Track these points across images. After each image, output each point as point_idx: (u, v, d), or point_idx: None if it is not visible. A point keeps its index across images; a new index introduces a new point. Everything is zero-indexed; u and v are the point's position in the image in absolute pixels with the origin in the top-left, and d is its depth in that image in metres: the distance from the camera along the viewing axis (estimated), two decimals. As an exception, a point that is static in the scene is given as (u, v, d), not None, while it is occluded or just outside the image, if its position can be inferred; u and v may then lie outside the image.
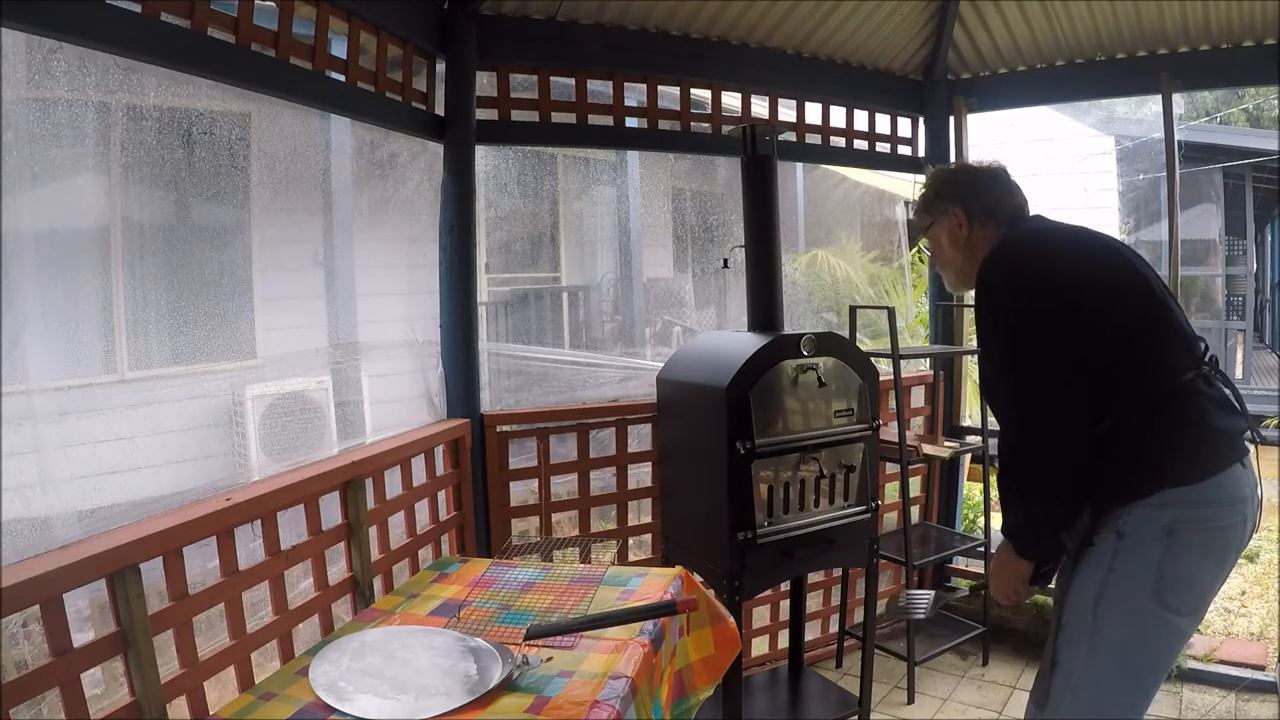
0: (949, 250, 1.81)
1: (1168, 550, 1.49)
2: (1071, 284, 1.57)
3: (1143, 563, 1.51)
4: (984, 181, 1.78)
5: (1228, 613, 3.83)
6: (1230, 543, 1.54)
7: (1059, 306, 1.53)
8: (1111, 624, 1.53)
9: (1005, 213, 1.75)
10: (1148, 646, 1.54)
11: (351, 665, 1.58)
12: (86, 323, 3.55)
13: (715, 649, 1.93)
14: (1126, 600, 1.52)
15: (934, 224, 1.83)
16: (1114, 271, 1.62)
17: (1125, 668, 1.54)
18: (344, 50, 2.19)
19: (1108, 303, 1.57)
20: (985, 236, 1.75)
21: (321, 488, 1.97)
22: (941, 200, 1.80)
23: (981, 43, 3.46)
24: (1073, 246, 1.69)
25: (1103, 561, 1.54)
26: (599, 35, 2.83)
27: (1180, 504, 1.49)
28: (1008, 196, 1.77)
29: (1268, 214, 10.90)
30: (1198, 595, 1.55)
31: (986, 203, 1.76)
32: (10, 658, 1.97)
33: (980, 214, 1.76)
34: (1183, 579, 1.51)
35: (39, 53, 2.98)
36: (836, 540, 2.48)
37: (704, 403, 2.39)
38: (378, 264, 4.89)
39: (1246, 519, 1.54)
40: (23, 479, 2.91)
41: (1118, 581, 1.53)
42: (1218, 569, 1.56)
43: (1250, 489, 1.55)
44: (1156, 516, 1.50)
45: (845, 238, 7.65)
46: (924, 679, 3.14)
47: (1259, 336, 10.84)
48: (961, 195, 1.78)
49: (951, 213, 1.78)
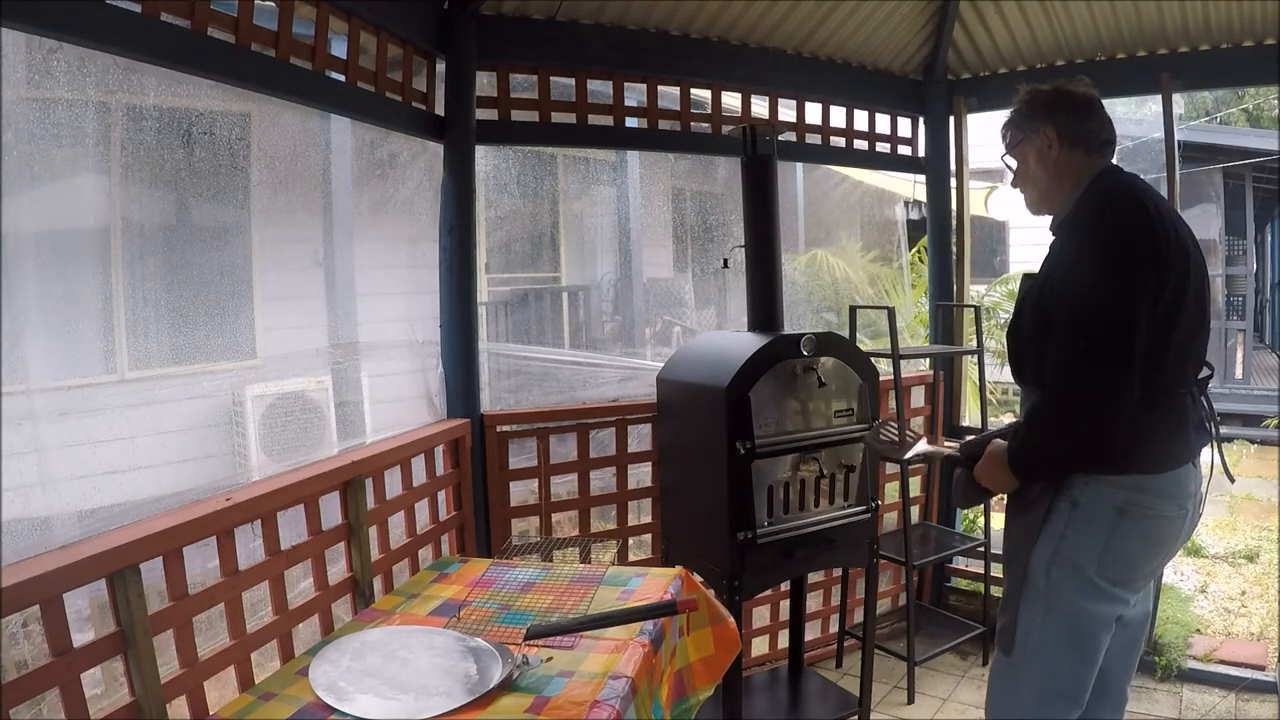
0: (1035, 169, 1.77)
1: (1115, 528, 1.61)
2: (1169, 259, 1.58)
3: (1092, 535, 1.62)
4: (1080, 106, 1.74)
5: (1228, 613, 3.83)
6: (1171, 532, 1.67)
7: (1158, 270, 1.56)
8: (1063, 589, 1.65)
9: (1096, 143, 1.73)
10: (1093, 614, 1.65)
11: (351, 665, 1.58)
12: (86, 323, 3.55)
13: (715, 649, 1.93)
14: (1076, 568, 1.63)
15: (1024, 140, 1.78)
16: (1194, 265, 1.64)
17: (1074, 631, 1.66)
18: (344, 50, 2.19)
19: (1179, 292, 1.59)
20: (1073, 162, 1.73)
21: (321, 488, 1.96)
22: (1035, 118, 1.76)
23: (981, 43, 3.46)
24: (1176, 223, 1.67)
25: (1056, 528, 1.65)
26: (599, 35, 2.83)
27: (1131, 487, 1.61)
28: (1100, 128, 1.74)
29: (1268, 214, 10.90)
30: (1133, 573, 1.67)
31: (1080, 128, 1.72)
32: (10, 658, 1.97)
33: (1072, 138, 1.72)
34: (1124, 556, 1.63)
35: (39, 53, 2.98)
36: (836, 540, 2.48)
37: (704, 403, 2.39)
38: (378, 264, 4.89)
39: (1189, 513, 1.67)
40: (23, 479, 2.91)
41: (1069, 549, 1.64)
42: (1155, 553, 1.69)
43: (1196, 485, 1.68)
44: (1110, 495, 1.61)
45: (845, 238, 7.66)
46: (924, 679, 3.14)
47: (1259, 336, 10.84)
48: (1055, 116, 1.74)
49: (1043, 131, 1.74)
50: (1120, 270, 1.55)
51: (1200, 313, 1.67)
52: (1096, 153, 1.73)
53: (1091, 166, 1.72)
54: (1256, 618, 3.74)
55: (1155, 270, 1.56)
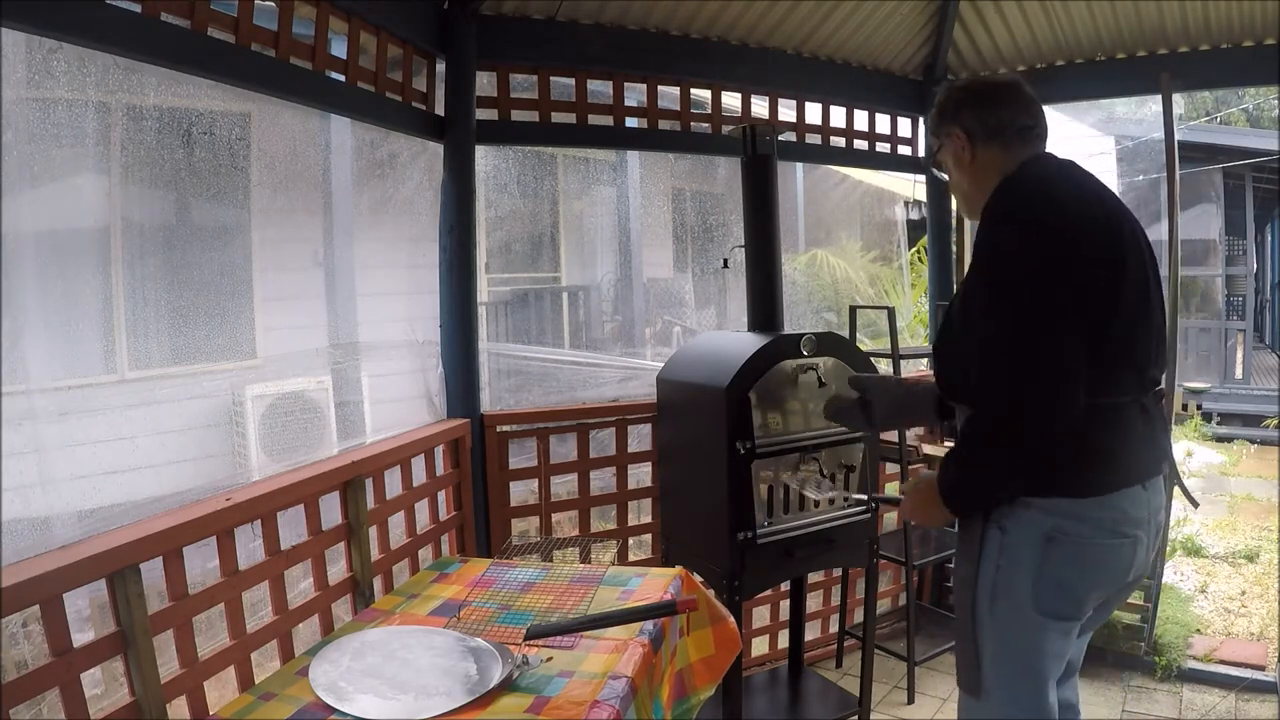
0: (955, 173, 1.66)
1: (1045, 557, 1.46)
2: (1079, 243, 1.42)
3: (1022, 565, 1.48)
4: (989, 97, 1.61)
5: (1228, 613, 3.83)
6: (1109, 561, 1.48)
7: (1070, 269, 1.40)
8: (1003, 620, 1.51)
9: (1012, 132, 1.57)
10: (1036, 644, 1.51)
11: (351, 665, 1.58)
12: (86, 323, 3.55)
13: (715, 649, 1.93)
14: (1012, 599, 1.50)
15: (941, 147, 1.66)
16: (1130, 253, 1.48)
17: (1020, 664, 1.52)
18: (344, 50, 2.19)
19: (1110, 282, 1.44)
20: (991, 159, 1.58)
21: (321, 488, 1.96)
22: (945, 121, 1.64)
23: (981, 43, 3.46)
24: (1104, 208, 1.51)
25: (991, 557, 1.51)
26: (599, 35, 2.83)
27: (1058, 513, 1.45)
28: (1014, 115, 1.58)
29: (1268, 214, 10.91)
30: (1076, 603, 1.50)
31: (990, 122, 1.58)
32: (10, 658, 1.98)
33: (984, 134, 1.58)
34: (1058, 585, 1.47)
35: (39, 53, 2.98)
36: (836, 540, 2.47)
37: (704, 403, 2.39)
38: (378, 264, 4.89)
39: (1139, 541, 1.49)
40: (23, 479, 2.91)
41: (1004, 580, 1.50)
42: (1099, 582, 1.51)
43: (1148, 513, 1.50)
44: (1037, 520, 1.46)
45: (845, 237, 7.67)
46: (924, 679, 3.14)
47: (1259, 336, 10.85)
48: (961, 115, 1.61)
49: (953, 134, 1.62)
50: (1027, 264, 1.39)
51: (1144, 306, 1.49)
52: (1016, 143, 1.57)
53: (1013, 160, 1.56)
54: (1256, 618, 3.74)
55: (1066, 258, 1.39)
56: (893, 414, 1.94)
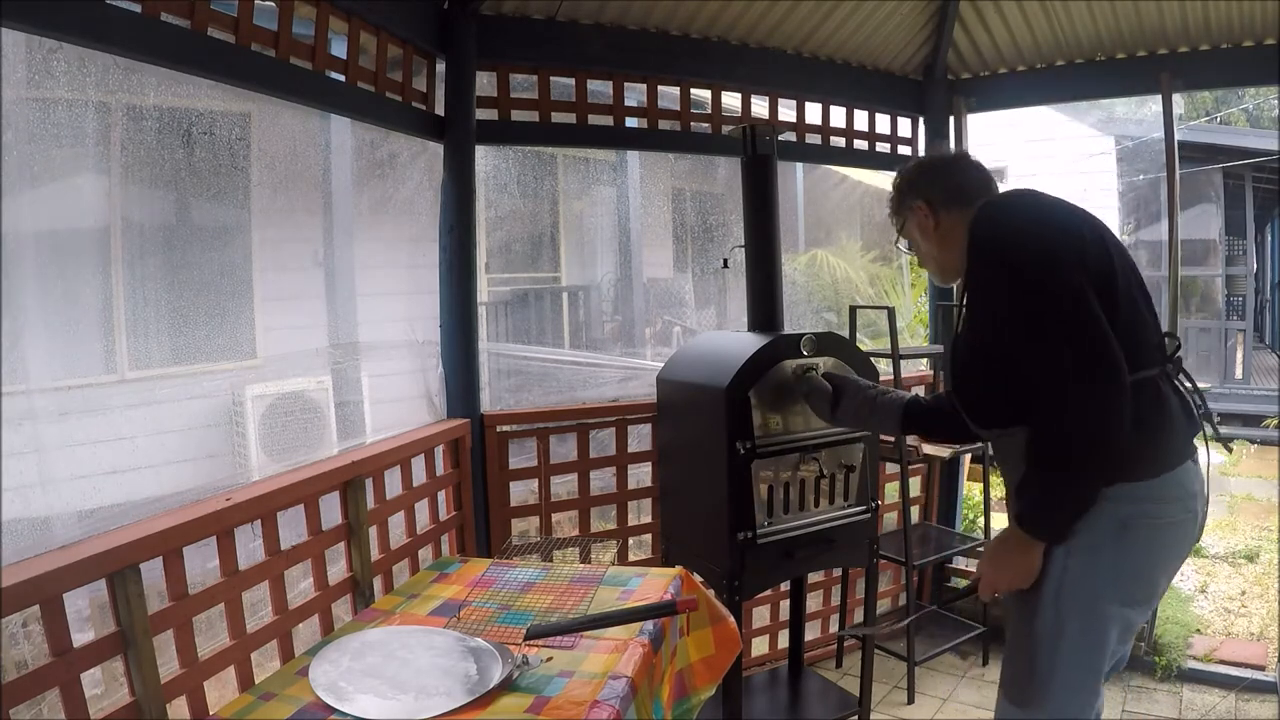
0: (923, 244, 1.78)
1: (1120, 545, 1.50)
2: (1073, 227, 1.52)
3: (1097, 557, 1.50)
4: (942, 168, 1.76)
5: (1228, 613, 3.83)
6: (1180, 538, 1.55)
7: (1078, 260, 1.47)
8: (1073, 621, 1.53)
9: (970, 193, 1.70)
10: (1104, 640, 1.55)
11: (351, 665, 1.58)
12: (86, 323, 3.55)
13: (715, 649, 1.93)
14: (1084, 595, 1.52)
15: (904, 222, 1.81)
16: (1106, 246, 1.56)
17: (1084, 663, 1.55)
18: (344, 50, 2.19)
19: (1099, 276, 1.49)
20: (954, 222, 1.69)
21: (321, 488, 1.96)
22: (904, 197, 1.78)
23: (981, 43, 3.46)
24: (1067, 214, 1.60)
25: (1057, 560, 1.52)
26: (599, 35, 2.83)
27: (1131, 499, 1.49)
28: (967, 179, 1.72)
29: (1268, 214, 10.91)
30: (1150, 587, 1.57)
31: (949, 187, 1.71)
32: (10, 658, 1.97)
33: (944, 201, 1.71)
34: (1135, 572, 1.53)
35: (39, 53, 2.98)
36: (836, 540, 2.47)
37: (704, 403, 2.39)
38: (378, 264, 4.89)
39: (1196, 514, 1.55)
40: (23, 479, 2.91)
41: (1074, 579, 1.52)
42: (1167, 563, 1.58)
43: (1200, 485, 1.56)
44: (1109, 510, 1.48)
45: (845, 237, 7.67)
46: (924, 679, 3.14)
47: (1259, 336, 10.85)
48: (920, 187, 1.75)
49: (915, 206, 1.75)
50: (1042, 274, 1.45)
51: (1138, 285, 1.56)
52: (975, 201, 1.67)
53: (973, 212, 1.65)
54: (1256, 618, 3.73)
55: (1069, 243, 1.48)
56: (856, 419, 2.13)
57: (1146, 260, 9.12)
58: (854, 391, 2.08)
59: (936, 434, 2.25)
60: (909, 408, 1.98)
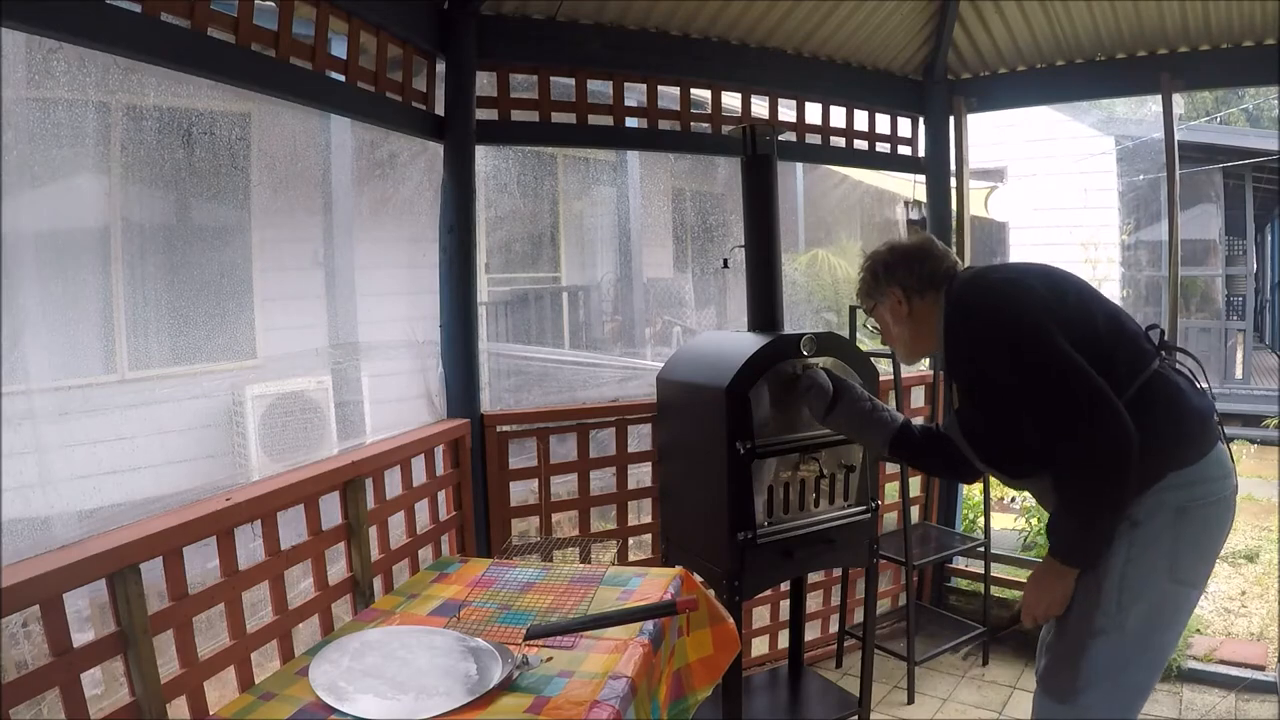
0: (895, 327, 1.90)
1: (1179, 529, 1.59)
2: (1046, 297, 1.65)
3: (1158, 545, 1.59)
4: (914, 255, 1.86)
5: (1228, 613, 3.83)
6: (1226, 513, 1.66)
7: (1051, 316, 1.61)
8: (1137, 610, 1.61)
9: (939, 278, 1.83)
10: (1171, 624, 1.65)
11: (351, 665, 1.58)
12: (86, 323, 3.55)
13: (714, 650, 1.93)
14: (1148, 583, 1.60)
15: (877, 305, 1.92)
16: (1069, 282, 1.73)
17: (1149, 648, 1.64)
18: (344, 50, 2.19)
19: (1077, 310, 1.65)
20: (927, 306, 1.83)
21: (321, 488, 1.96)
22: (879, 283, 1.89)
23: (981, 43, 3.46)
24: (1027, 270, 1.77)
25: (1119, 552, 1.61)
26: (599, 35, 2.83)
27: (1184, 485, 1.59)
28: (938, 265, 1.84)
29: (1268, 214, 10.91)
30: (1207, 565, 1.67)
31: (921, 274, 1.83)
32: (10, 658, 1.97)
33: (918, 286, 1.84)
34: (1195, 553, 1.62)
35: (39, 53, 2.98)
36: (836, 540, 2.48)
37: (704, 403, 2.39)
38: (378, 264, 4.89)
39: (1236, 489, 1.67)
40: (23, 479, 2.91)
41: (1137, 569, 1.60)
42: (1221, 538, 1.68)
43: (1232, 464, 1.67)
44: (1167, 500, 1.59)
45: (845, 237, 7.66)
46: (924, 679, 3.14)
47: (1259, 336, 10.83)
48: (895, 274, 1.86)
49: (890, 292, 1.86)
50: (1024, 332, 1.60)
51: (1109, 307, 1.71)
52: (942, 285, 1.81)
53: (941, 298, 1.80)
54: (1256, 618, 3.73)
55: (1042, 305, 1.61)
56: (847, 426, 2.13)
57: (1146, 260, 9.12)
58: (851, 399, 2.11)
59: (921, 466, 2.30)
60: (900, 432, 2.01)
